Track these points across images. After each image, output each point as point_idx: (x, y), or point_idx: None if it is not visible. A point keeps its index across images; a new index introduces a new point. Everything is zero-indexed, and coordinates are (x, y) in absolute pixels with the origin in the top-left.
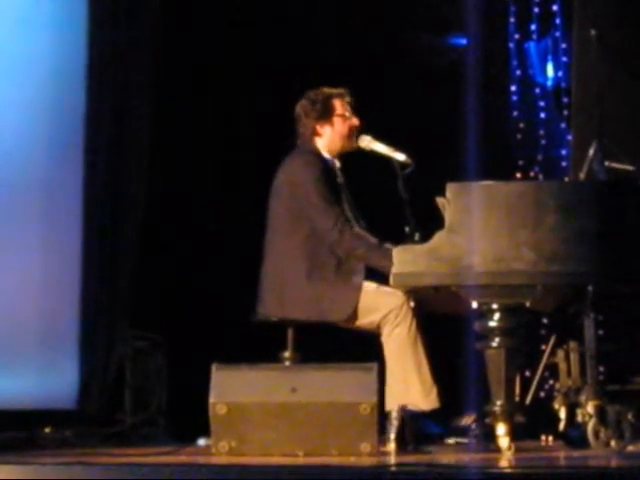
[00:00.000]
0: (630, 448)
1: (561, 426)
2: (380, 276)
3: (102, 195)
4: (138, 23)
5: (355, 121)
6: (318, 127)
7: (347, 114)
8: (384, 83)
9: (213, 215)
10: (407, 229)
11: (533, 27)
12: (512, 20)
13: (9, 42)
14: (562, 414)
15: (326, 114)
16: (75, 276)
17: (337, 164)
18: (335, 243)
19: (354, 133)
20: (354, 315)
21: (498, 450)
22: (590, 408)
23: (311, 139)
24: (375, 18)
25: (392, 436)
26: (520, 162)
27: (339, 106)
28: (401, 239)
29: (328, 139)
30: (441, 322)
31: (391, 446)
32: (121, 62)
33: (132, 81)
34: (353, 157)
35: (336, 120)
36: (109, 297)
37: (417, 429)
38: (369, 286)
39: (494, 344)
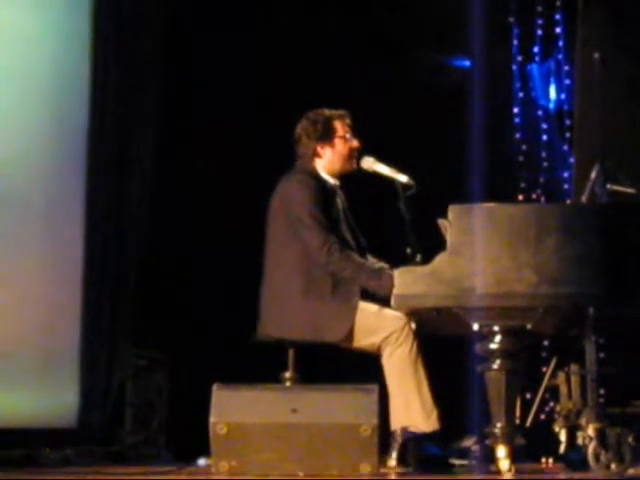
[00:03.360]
0: (630, 471)
1: (561, 448)
2: (381, 298)
3: (104, 213)
4: (142, 38)
5: (355, 143)
6: (319, 148)
7: (348, 136)
8: (386, 103)
9: (214, 234)
10: (409, 250)
11: (536, 49)
12: (515, 42)
13: (12, 57)
14: (562, 436)
15: (327, 135)
16: (76, 294)
17: (337, 184)
18: (324, 264)
19: (354, 155)
20: (354, 336)
21: (498, 472)
22: (591, 431)
23: (311, 160)
24: (377, 36)
25: (393, 457)
26: (522, 184)
27: (340, 127)
28: (403, 260)
29: (328, 160)
30: (442, 344)
31: (392, 467)
32: (125, 77)
33: (136, 98)
34: (355, 178)
35: (337, 141)
36: (110, 316)
37: (418, 451)
38: (370, 307)
39: (495, 366)
